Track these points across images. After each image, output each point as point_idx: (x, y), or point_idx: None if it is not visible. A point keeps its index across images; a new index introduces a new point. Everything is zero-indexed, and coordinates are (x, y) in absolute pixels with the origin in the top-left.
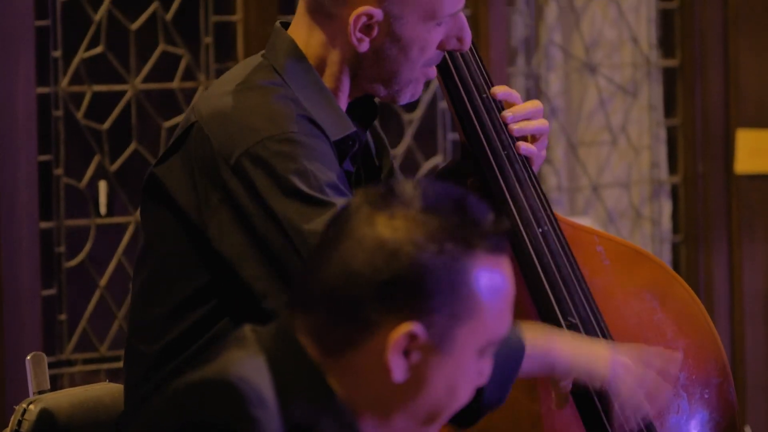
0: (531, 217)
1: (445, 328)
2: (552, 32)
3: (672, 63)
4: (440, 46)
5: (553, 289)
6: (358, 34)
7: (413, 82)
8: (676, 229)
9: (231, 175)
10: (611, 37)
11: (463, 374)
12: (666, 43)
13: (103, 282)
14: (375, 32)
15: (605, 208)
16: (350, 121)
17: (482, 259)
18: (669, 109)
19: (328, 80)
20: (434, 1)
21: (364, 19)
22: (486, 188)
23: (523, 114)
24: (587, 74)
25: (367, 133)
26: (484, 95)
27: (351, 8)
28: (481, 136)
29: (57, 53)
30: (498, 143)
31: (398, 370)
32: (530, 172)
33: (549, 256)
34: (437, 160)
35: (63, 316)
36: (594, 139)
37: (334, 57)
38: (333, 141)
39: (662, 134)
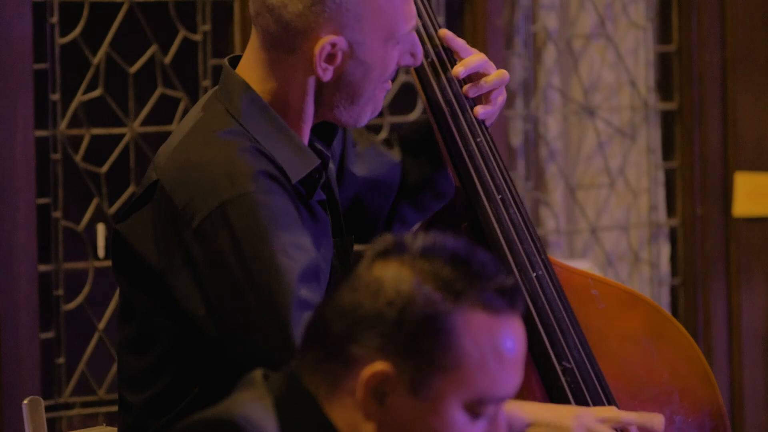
0: (525, 261)
1: (420, 373)
2: (550, 75)
3: (670, 106)
4: (398, 63)
5: (547, 334)
6: (323, 65)
7: (373, 99)
8: (674, 272)
9: (193, 238)
10: (610, 81)
11: (450, 428)
12: (664, 87)
13: (101, 325)
14: (339, 60)
15: (604, 251)
16: (313, 155)
17: (472, 313)
18: (667, 152)
19: (290, 115)
20: (392, 21)
21: (328, 48)
22: (480, 232)
23: (475, 66)
24: (586, 117)
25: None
26: (478, 139)
27: (313, 41)
28: (476, 180)
29: (56, 96)
30: (492, 187)
31: (369, 410)
32: (524, 215)
33: (543, 301)
34: None
35: (61, 359)
36: (592, 181)
37: (296, 90)
38: (299, 180)
39: (661, 177)
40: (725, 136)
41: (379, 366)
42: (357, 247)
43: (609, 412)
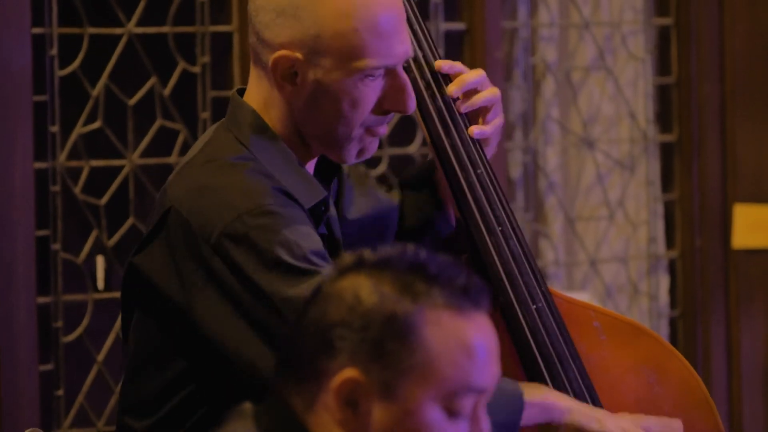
0: (525, 293)
1: (388, 377)
2: (549, 107)
3: (669, 138)
4: (378, 107)
5: (547, 366)
6: (280, 80)
7: (355, 141)
8: (673, 304)
9: (212, 254)
10: (609, 113)
11: (427, 427)
12: (663, 119)
13: (100, 357)
14: (299, 80)
15: (603, 283)
16: (320, 187)
17: (435, 313)
18: (666, 184)
19: (290, 140)
20: (356, 50)
21: (283, 63)
22: (480, 263)
23: (469, 84)
24: (585, 149)
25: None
26: (479, 171)
27: (273, 52)
28: (475, 211)
29: (55, 128)
30: (492, 219)
31: (345, 420)
32: (525, 248)
33: (543, 333)
34: None
35: (60, 392)
36: (592, 213)
37: (276, 111)
38: (306, 209)
39: (660, 209)
40: (724, 168)
41: (348, 373)
42: None
43: (632, 416)
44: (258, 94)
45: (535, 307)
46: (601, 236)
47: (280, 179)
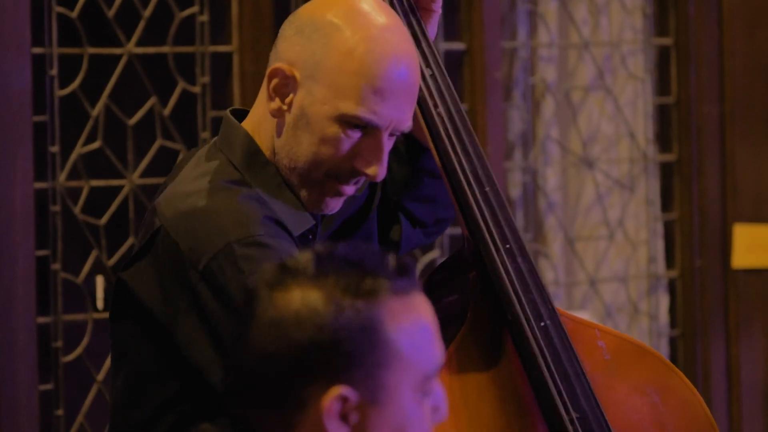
0: (533, 311)
1: (371, 381)
2: (549, 127)
3: (669, 158)
4: (348, 161)
5: (555, 384)
6: (271, 91)
7: (317, 186)
8: (673, 324)
9: (199, 279)
10: (608, 132)
11: (410, 416)
12: (663, 138)
13: (100, 377)
14: (288, 95)
15: (603, 303)
16: (308, 216)
17: (388, 304)
18: (666, 203)
19: (285, 168)
20: (348, 90)
21: (279, 74)
22: (488, 281)
23: None
24: (584, 169)
25: None
26: (487, 188)
27: (275, 62)
28: (484, 229)
29: (54, 148)
30: (500, 236)
31: None
32: (532, 266)
33: (550, 351)
34: (433, 255)
35: (60, 411)
36: (591, 233)
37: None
38: (295, 236)
39: (659, 229)
40: (724, 188)
41: (335, 391)
42: None
43: None
44: (255, 114)
45: (542, 324)
46: (600, 256)
47: (271, 205)
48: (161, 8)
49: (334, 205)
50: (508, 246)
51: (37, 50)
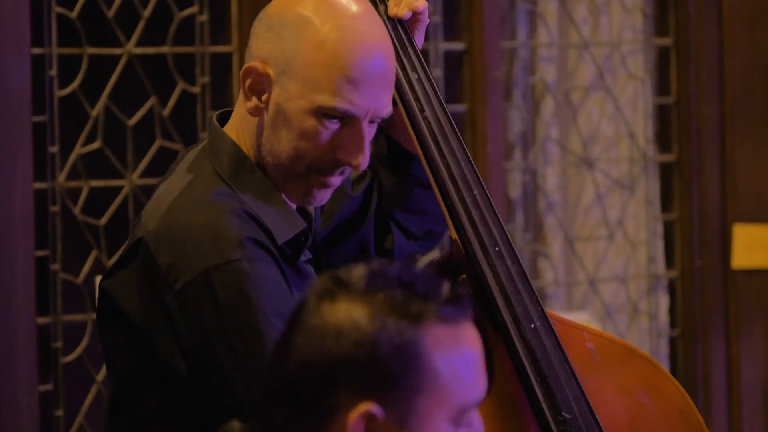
0: (522, 313)
1: (403, 403)
2: (549, 127)
3: (669, 158)
4: (330, 152)
5: (544, 385)
6: (247, 90)
7: (300, 180)
8: (673, 324)
9: (174, 300)
10: (608, 132)
11: None
12: (663, 138)
13: (99, 377)
14: (265, 95)
15: (602, 303)
16: (299, 218)
17: (433, 330)
18: (666, 203)
19: (269, 166)
20: (321, 82)
21: (253, 72)
22: (478, 283)
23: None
24: (584, 169)
25: None
26: (474, 192)
27: (249, 61)
28: (471, 232)
29: (54, 149)
30: (488, 240)
31: None
32: (520, 268)
33: (540, 352)
34: (433, 255)
35: (60, 412)
36: (591, 233)
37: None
38: (285, 242)
39: (659, 229)
40: (724, 188)
41: (363, 407)
42: None
43: None
44: (237, 116)
45: (532, 326)
46: (600, 256)
47: (259, 212)
48: (161, 8)
49: (322, 197)
50: (497, 248)
51: (37, 50)
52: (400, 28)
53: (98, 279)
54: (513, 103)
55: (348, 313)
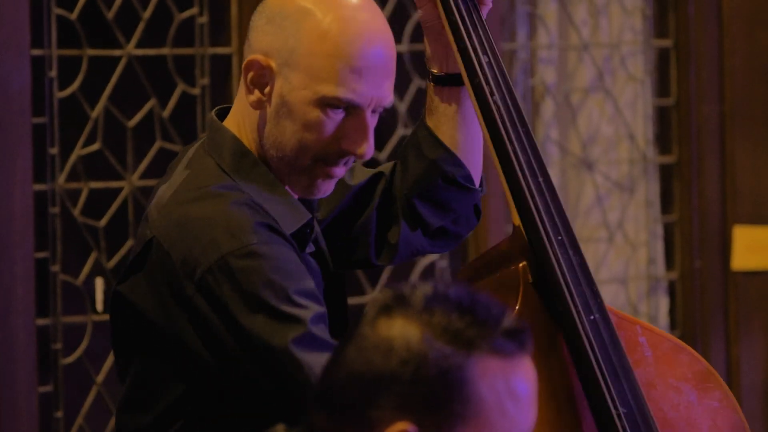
0: (583, 304)
1: (442, 429)
2: (548, 128)
3: (669, 159)
4: (335, 143)
5: (604, 378)
6: (250, 85)
7: (305, 172)
8: (673, 326)
9: (195, 292)
10: (608, 134)
11: None
12: (663, 140)
13: (99, 378)
14: (267, 88)
15: None
16: (304, 209)
17: (484, 360)
18: (666, 205)
19: (273, 159)
20: (324, 72)
21: (256, 66)
22: (541, 271)
23: None
24: (584, 171)
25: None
26: (540, 179)
27: (250, 54)
28: (537, 219)
29: (54, 150)
30: (551, 228)
31: None
32: (583, 258)
33: (599, 345)
34: (433, 257)
35: (59, 413)
36: (591, 235)
37: (255, 128)
38: (291, 233)
39: (659, 231)
40: (724, 190)
41: (401, 426)
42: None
43: None
44: (237, 110)
45: (592, 318)
46: (600, 258)
47: (265, 206)
48: (161, 10)
49: (327, 188)
50: (560, 238)
51: (37, 52)
52: (473, 9)
53: (98, 280)
54: None
55: (401, 331)
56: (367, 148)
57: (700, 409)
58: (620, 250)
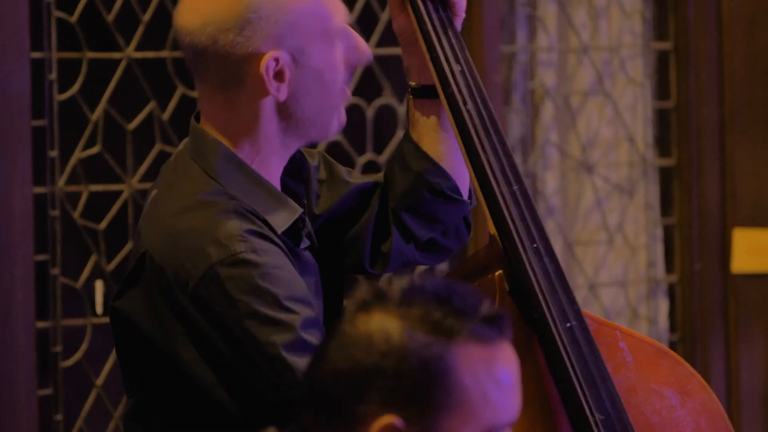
0: (558, 312)
1: (427, 420)
2: (548, 131)
3: (668, 162)
4: (347, 64)
5: (581, 386)
6: (274, 83)
7: (336, 109)
8: (673, 328)
9: (189, 303)
10: (607, 137)
11: None
12: (662, 143)
13: (99, 381)
14: (288, 75)
15: (602, 307)
16: (295, 204)
17: (465, 348)
18: (665, 208)
19: (261, 156)
20: (322, 18)
21: (272, 65)
22: (515, 281)
23: None
24: (584, 173)
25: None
26: (515, 187)
27: (257, 63)
28: (511, 228)
29: (54, 153)
30: (526, 236)
31: None
32: (559, 266)
33: (576, 352)
34: None
35: (59, 416)
36: (590, 238)
37: (260, 122)
38: (283, 231)
39: (659, 233)
40: (723, 192)
41: (387, 419)
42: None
43: None
44: (211, 114)
45: (568, 325)
46: (600, 260)
47: (253, 206)
48: (160, 13)
49: (344, 116)
50: (535, 246)
51: (37, 54)
52: (446, 19)
53: (98, 283)
54: (512, 108)
55: (380, 325)
56: (367, 49)
57: (683, 413)
58: (620, 253)
